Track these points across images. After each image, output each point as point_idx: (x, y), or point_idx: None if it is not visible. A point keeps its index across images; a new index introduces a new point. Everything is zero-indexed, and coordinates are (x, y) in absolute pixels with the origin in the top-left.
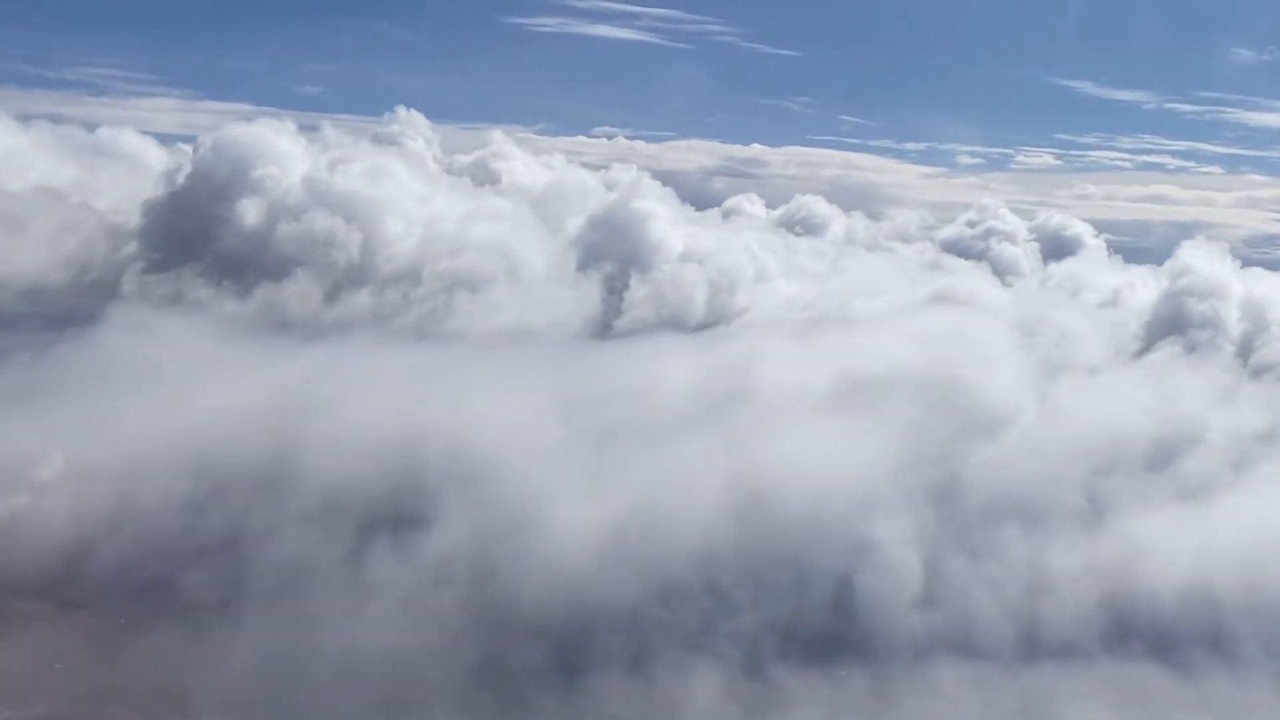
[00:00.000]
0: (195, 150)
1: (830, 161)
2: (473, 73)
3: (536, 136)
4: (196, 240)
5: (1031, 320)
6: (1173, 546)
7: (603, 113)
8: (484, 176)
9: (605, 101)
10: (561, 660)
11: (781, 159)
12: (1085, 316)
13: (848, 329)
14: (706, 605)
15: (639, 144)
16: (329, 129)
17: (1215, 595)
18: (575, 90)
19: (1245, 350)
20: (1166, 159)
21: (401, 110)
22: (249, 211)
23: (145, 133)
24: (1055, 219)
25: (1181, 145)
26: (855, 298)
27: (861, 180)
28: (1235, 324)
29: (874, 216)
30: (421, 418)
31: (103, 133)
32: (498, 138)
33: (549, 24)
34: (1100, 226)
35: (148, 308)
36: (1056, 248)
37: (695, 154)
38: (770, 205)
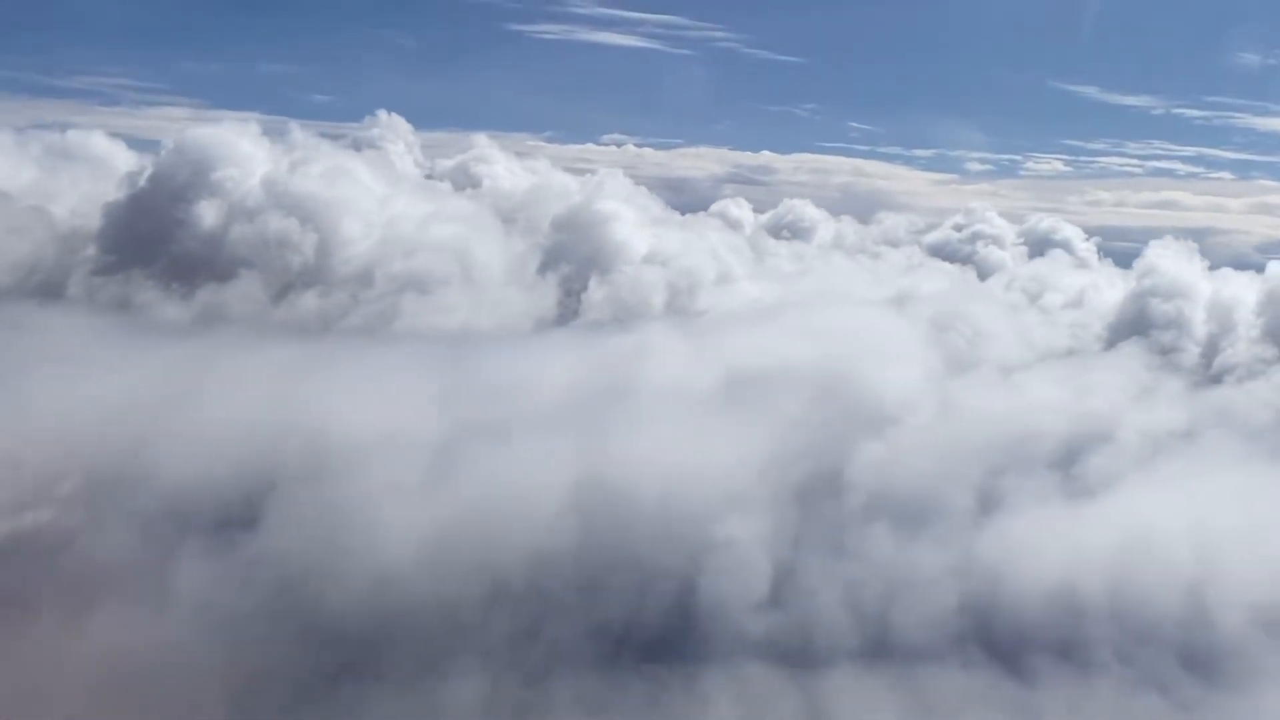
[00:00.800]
0: (159, 153)
1: (840, 168)
2: (479, 81)
3: (545, 144)
4: (153, 242)
5: (946, 318)
6: (1050, 548)
7: (610, 120)
8: (465, 180)
9: (612, 109)
10: (353, 665)
11: (791, 166)
12: (1005, 315)
13: (748, 325)
14: (530, 608)
15: (648, 151)
16: (296, 131)
17: (1080, 599)
18: (581, 97)
19: (1211, 351)
20: (1176, 165)
21: (382, 114)
22: (207, 213)
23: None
24: (1045, 222)
25: (1190, 151)
26: (815, 299)
27: (871, 187)
28: (1201, 325)
29: (878, 223)
30: (284, 415)
31: (72, 136)
32: (481, 142)
33: (552, 31)
34: (1111, 233)
35: (91, 310)
36: (1047, 251)
37: (705, 161)
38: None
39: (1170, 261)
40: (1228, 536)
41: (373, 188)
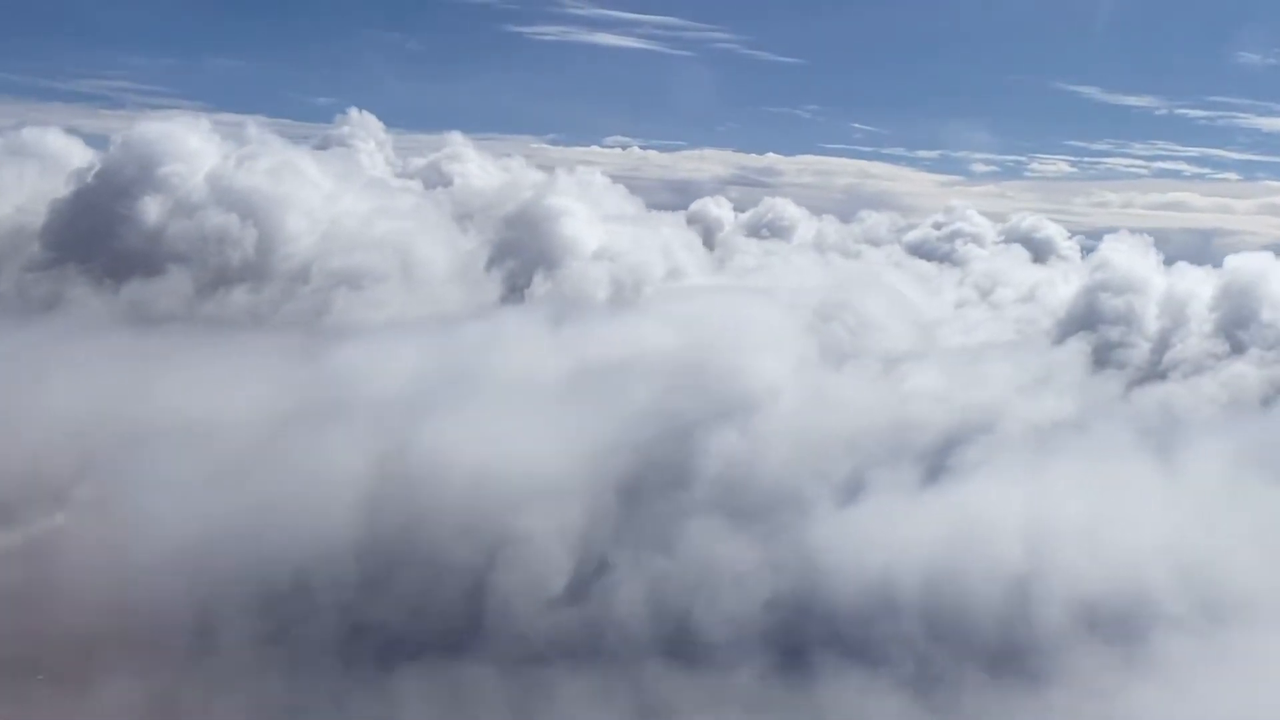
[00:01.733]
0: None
1: (844, 170)
2: (479, 83)
3: (549, 147)
4: (94, 239)
5: (832, 308)
6: (885, 541)
7: (613, 122)
8: (437, 179)
9: (614, 111)
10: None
11: (795, 168)
12: (896, 306)
13: (615, 314)
14: (293, 604)
15: (652, 153)
16: (252, 127)
17: (897, 594)
18: (582, 100)
19: (1162, 345)
20: (1181, 165)
21: (353, 112)
22: (151, 209)
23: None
24: (1027, 221)
25: (1195, 151)
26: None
27: (877, 189)
28: (1153, 320)
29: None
30: (116, 404)
31: (26, 132)
32: (455, 140)
33: (549, 32)
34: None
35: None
36: (1030, 249)
37: (709, 163)
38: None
39: (1123, 256)
40: (1068, 531)
41: (320, 184)
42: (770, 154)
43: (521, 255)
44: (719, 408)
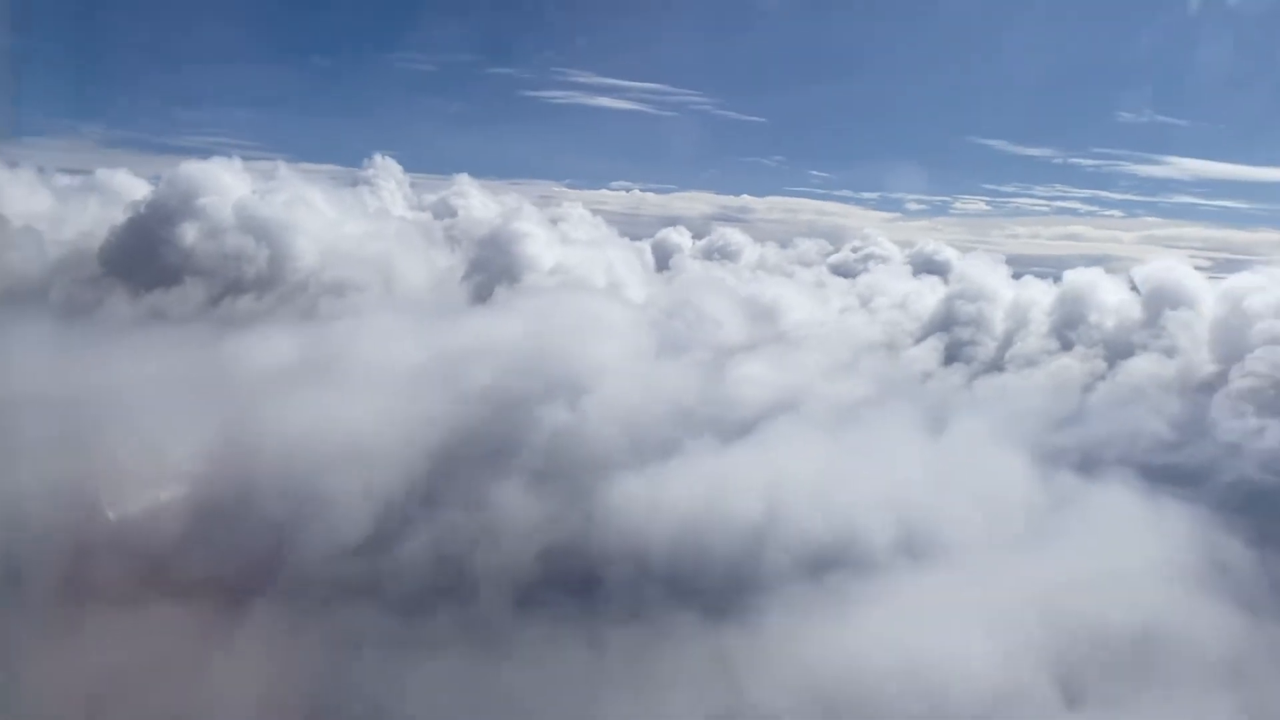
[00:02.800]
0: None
1: (805, 208)
2: (503, 137)
3: (567, 190)
4: (139, 257)
5: (677, 306)
6: (667, 499)
7: (615, 169)
8: (444, 211)
9: (617, 160)
10: None
11: (765, 206)
12: (739, 308)
13: (480, 311)
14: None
15: (650, 195)
16: (282, 167)
17: (653, 544)
18: (590, 151)
19: (1006, 344)
20: (1076, 204)
21: (378, 157)
22: (187, 233)
23: None
24: (930, 246)
25: (1086, 193)
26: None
27: (832, 223)
28: (1000, 322)
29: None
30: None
31: (100, 173)
32: (462, 180)
33: (559, 96)
34: (1028, 260)
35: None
36: (929, 269)
37: (696, 203)
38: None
39: (977, 271)
40: (815, 487)
41: (326, 213)
42: (745, 195)
43: (489, 270)
44: (551, 389)
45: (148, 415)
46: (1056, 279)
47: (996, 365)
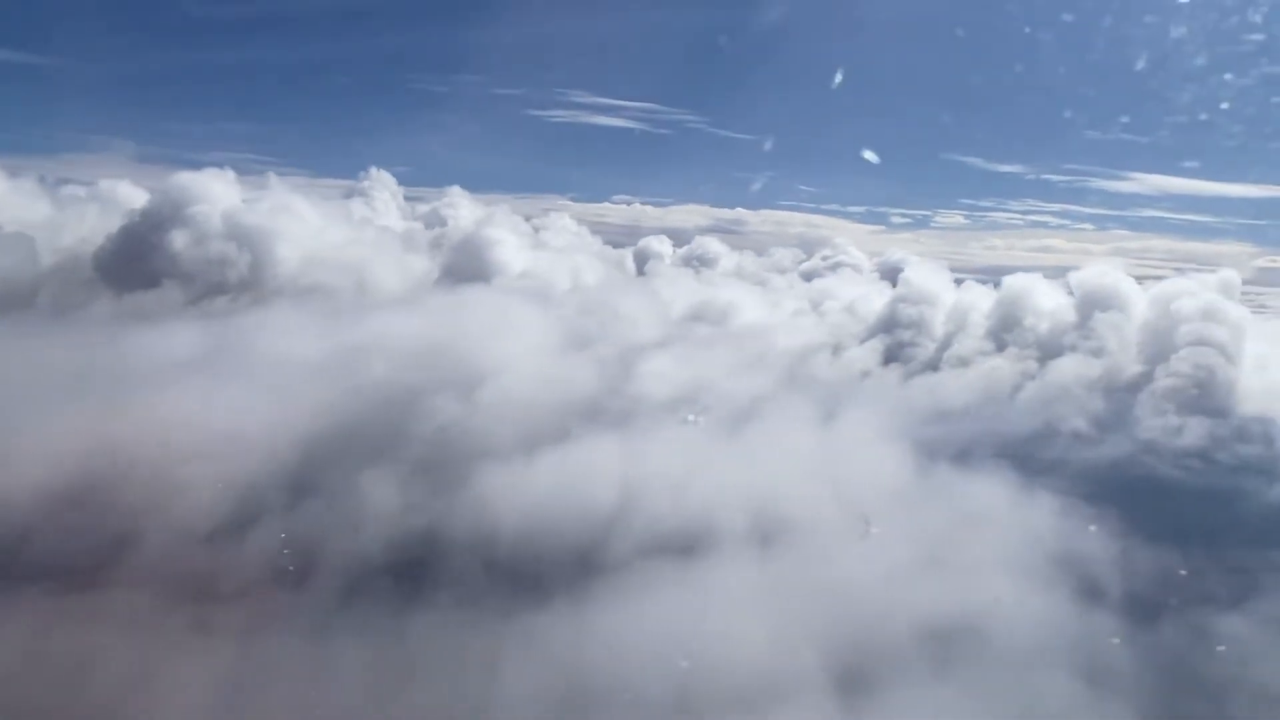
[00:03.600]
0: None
1: (795, 221)
2: (511, 153)
3: (571, 203)
4: (131, 261)
5: (593, 305)
6: (542, 487)
7: (617, 184)
8: (436, 221)
9: (617, 175)
10: None
11: (758, 219)
12: (654, 308)
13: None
14: None
15: (649, 208)
16: (273, 178)
17: (508, 530)
18: (592, 166)
19: (945, 346)
20: (1048, 218)
21: (374, 170)
22: (177, 240)
23: None
24: (896, 255)
25: (1057, 207)
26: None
27: (820, 235)
28: (940, 325)
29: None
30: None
31: (103, 184)
32: (454, 192)
33: (561, 115)
34: (1004, 271)
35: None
36: (894, 277)
37: (693, 215)
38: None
39: (921, 277)
40: (679, 477)
41: (310, 221)
42: (739, 209)
43: (462, 274)
44: (445, 382)
45: (28, 406)
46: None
47: (933, 365)
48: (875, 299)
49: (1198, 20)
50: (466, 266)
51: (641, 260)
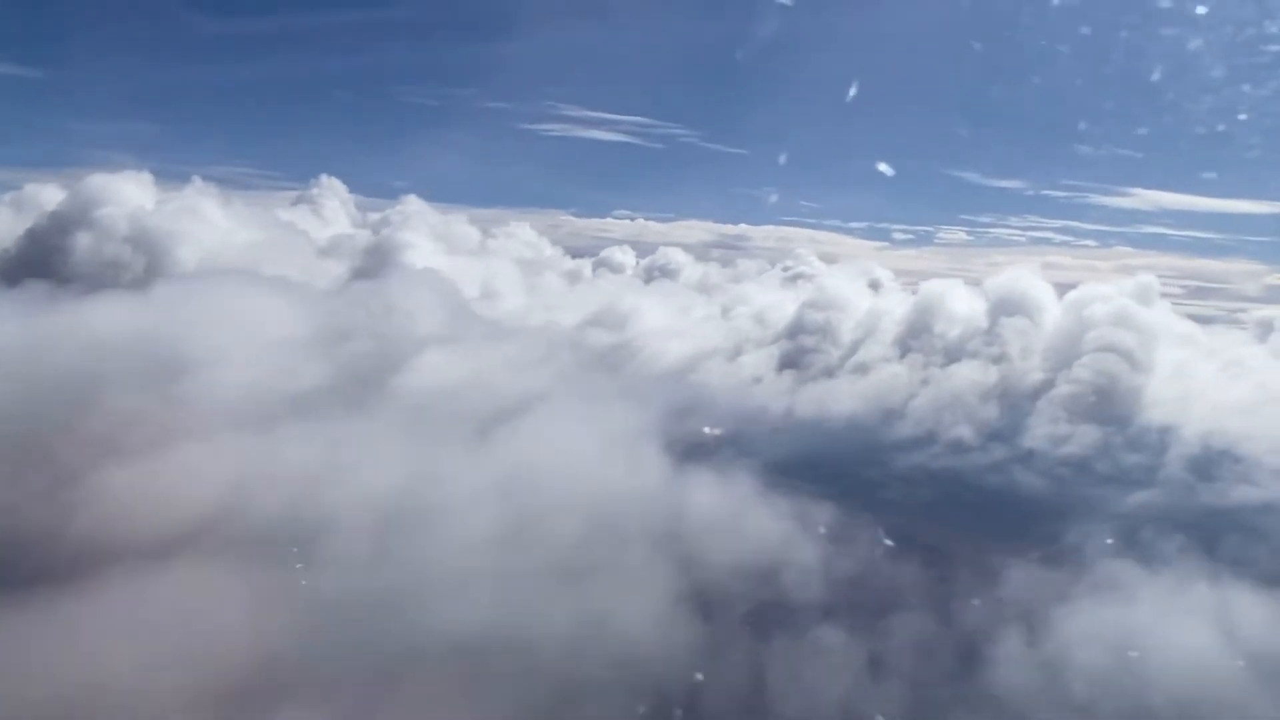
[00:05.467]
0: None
1: (798, 237)
2: (505, 168)
3: (573, 219)
4: (32, 260)
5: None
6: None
7: (617, 199)
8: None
9: (616, 190)
10: None
11: (761, 235)
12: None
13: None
14: None
15: (651, 224)
16: (196, 181)
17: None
18: (591, 181)
19: (852, 350)
20: (1050, 234)
21: (324, 177)
22: (81, 242)
23: None
24: (872, 267)
25: (1058, 223)
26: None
27: (824, 251)
28: (848, 331)
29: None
30: None
31: (28, 188)
32: (409, 200)
33: (554, 129)
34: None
35: None
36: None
37: (695, 231)
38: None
39: (834, 283)
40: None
41: (218, 225)
42: (742, 224)
43: (368, 278)
44: (151, 372)
45: None
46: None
47: (829, 372)
48: (788, 305)
49: (1202, 34)
50: (372, 270)
51: (609, 269)
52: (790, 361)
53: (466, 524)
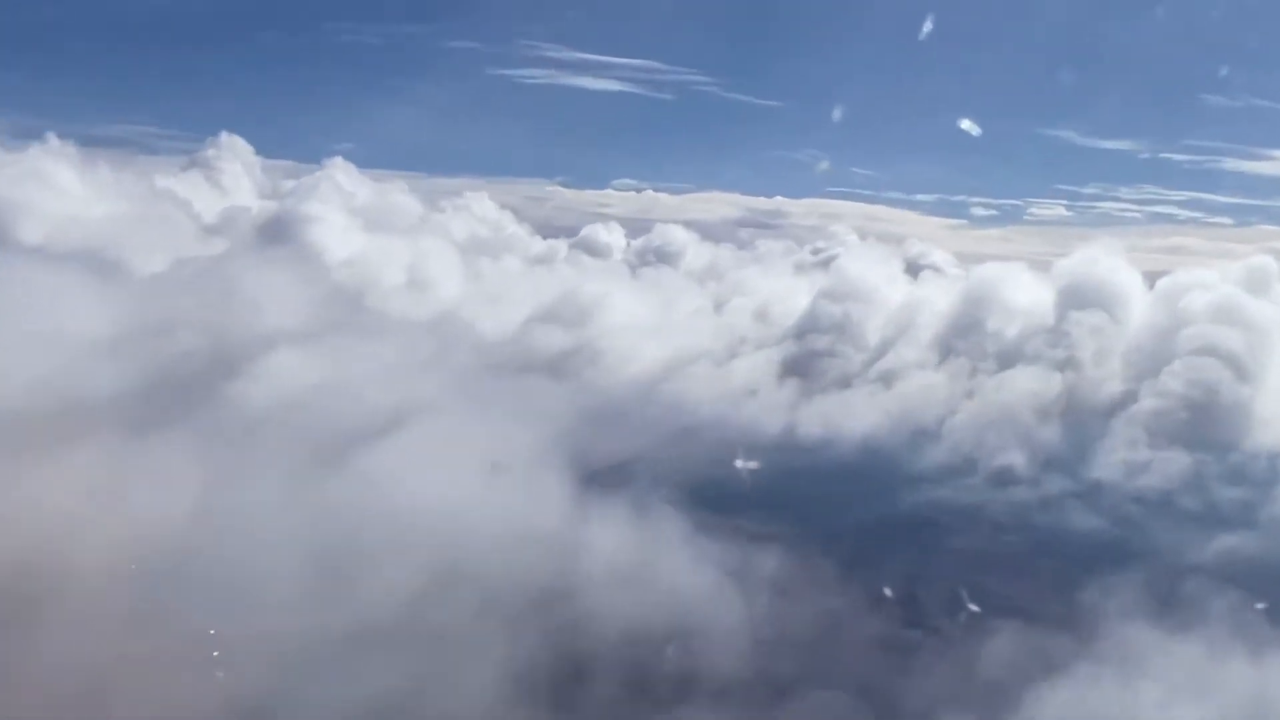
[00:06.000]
0: None
1: (849, 213)
2: (473, 125)
3: (562, 189)
4: None
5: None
6: None
7: (617, 165)
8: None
9: (616, 153)
10: None
11: (802, 210)
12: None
13: None
14: None
15: (663, 196)
16: (53, 141)
17: None
18: (582, 142)
19: (878, 352)
20: (1173, 209)
21: (224, 135)
22: None
23: None
24: (917, 247)
25: (1184, 195)
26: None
27: (883, 231)
28: (875, 329)
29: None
30: None
31: None
32: (335, 164)
33: (535, 75)
34: None
35: None
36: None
37: (717, 205)
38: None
39: (858, 267)
40: None
41: (73, 193)
42: (778, 197)
43: (271, 259)
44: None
45: None
46: None
47: (845, 381)
48: (801, 297)
49: None
50: (269, 250)
51: (591, 251)
52: (796, 367)
53: (274, 574)
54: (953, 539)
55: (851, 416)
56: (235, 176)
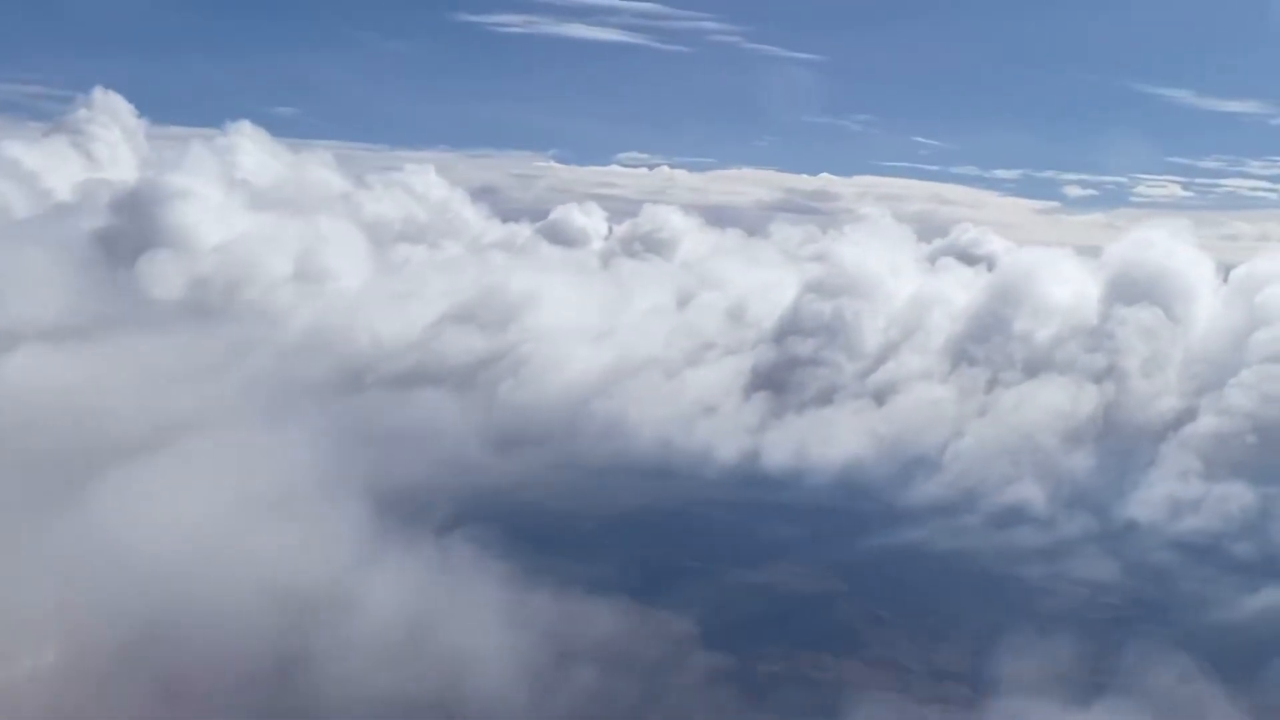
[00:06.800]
0: None
1: (912, 193)
2: (444, 85)
3: (557, 165)
4: None
5: None
6: None
7: (623, 135)
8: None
9: (619, 120)
10: None
11: (854, 190)
12: None
13: None
14: None
15: (681, 173)
16: None
17: None
18: (578, 106)
19: (876, 360)
20: None
21: (98, 93)
22: None
23: None
24: (969, 234)
25: None
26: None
27: (954, 216)
28: (874, 331)
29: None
30: None
31: None
32: (241, 128)
33: (512, 23)
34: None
35: None
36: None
37: (748, 184)
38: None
39: (855, 253)
40: None
41: None
42: (824, 174)
43: (118, 243)
44: None
45: None
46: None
47: (826, 396)
48: (788, 290)
49: None
50: (126, 232)
51: (554, 237)
52: (769, 379)
53: None
54: (909, 597)
55: (831, 440)
56: (111, 145)
